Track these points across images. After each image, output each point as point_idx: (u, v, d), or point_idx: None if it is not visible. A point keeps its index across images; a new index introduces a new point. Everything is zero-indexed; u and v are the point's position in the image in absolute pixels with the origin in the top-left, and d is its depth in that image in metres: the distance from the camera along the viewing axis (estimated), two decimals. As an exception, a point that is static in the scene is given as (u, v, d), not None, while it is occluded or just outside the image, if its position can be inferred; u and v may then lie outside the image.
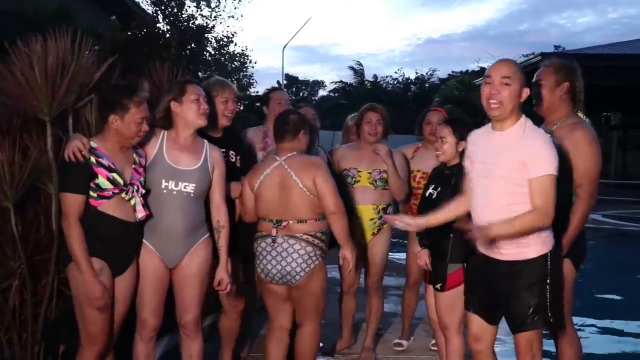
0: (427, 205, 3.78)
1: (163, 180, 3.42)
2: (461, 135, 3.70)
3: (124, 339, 3.51)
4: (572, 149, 3.51)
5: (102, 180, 3.20)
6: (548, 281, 3.11)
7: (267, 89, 5.12)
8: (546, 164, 3.01)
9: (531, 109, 3.72)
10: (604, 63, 18.46)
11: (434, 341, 4.81)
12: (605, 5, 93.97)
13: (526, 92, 3.13)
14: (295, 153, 3.77)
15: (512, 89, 3.07)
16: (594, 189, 3.60)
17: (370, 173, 4.57)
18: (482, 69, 29.55)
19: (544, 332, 3.34)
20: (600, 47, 21.33)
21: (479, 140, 3.30)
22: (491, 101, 3.09)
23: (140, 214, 3.30)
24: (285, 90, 5.25)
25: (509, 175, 3.06)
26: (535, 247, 3.11)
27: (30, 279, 3.63)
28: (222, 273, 3.61)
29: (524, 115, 3.15)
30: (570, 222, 3.53)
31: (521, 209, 3.03)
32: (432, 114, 4.87)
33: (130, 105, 3.21)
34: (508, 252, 3.13)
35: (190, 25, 20.41)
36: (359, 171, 4.58)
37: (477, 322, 3.34)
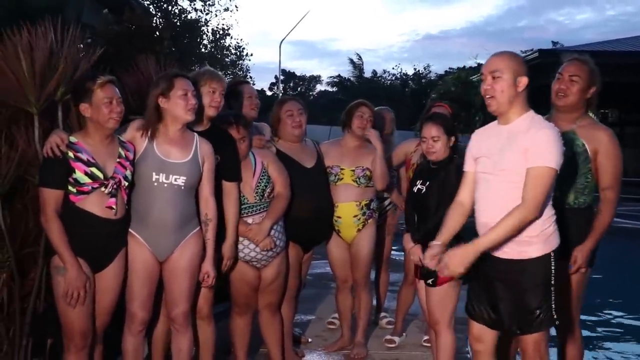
0: (417, 201, 3.75)
1: (154, 173, 3.40)
2: (451, 130, 3.68)
3: (116, 333, 3.50)
4: (602, 150, 3.54)
5: (79, 175, 3.19)
6: (553, 282, 3.00)
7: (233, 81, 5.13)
8: (547, 155, 2.89)
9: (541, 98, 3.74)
10: (602, 60, 18.23)
11: (426, 337, 4.80)
12: (603, 2, 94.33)
13: (524, 80, 3.02)
14: None
15: (504, 80, 2.99)
16: (619, 191, 3.61)
17: (353, 171, 4.56)
18: (480, 65, 29.55)
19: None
20: (598, 44, 21.32)
21: (485, 136, 3.19)
22: (486, 96, 3.05)
23: (111, 204, 3.25)
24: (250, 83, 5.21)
25: (512, 168, 2.94)
26: (537, 245, 2.98)
27: (18, 272, 3.60)
28: (208, 266, 3.59)
29: (532, 110, 3.06)
30: (597, 225, 3.54)
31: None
32: (437, 109, 4.77)
33: (93, 87, 3.22)
34: (509, 250, 3.00)
35: (183, 18, 20.29)
36: (342, 169, 4.56)
37: (478, 324, 3.22)
